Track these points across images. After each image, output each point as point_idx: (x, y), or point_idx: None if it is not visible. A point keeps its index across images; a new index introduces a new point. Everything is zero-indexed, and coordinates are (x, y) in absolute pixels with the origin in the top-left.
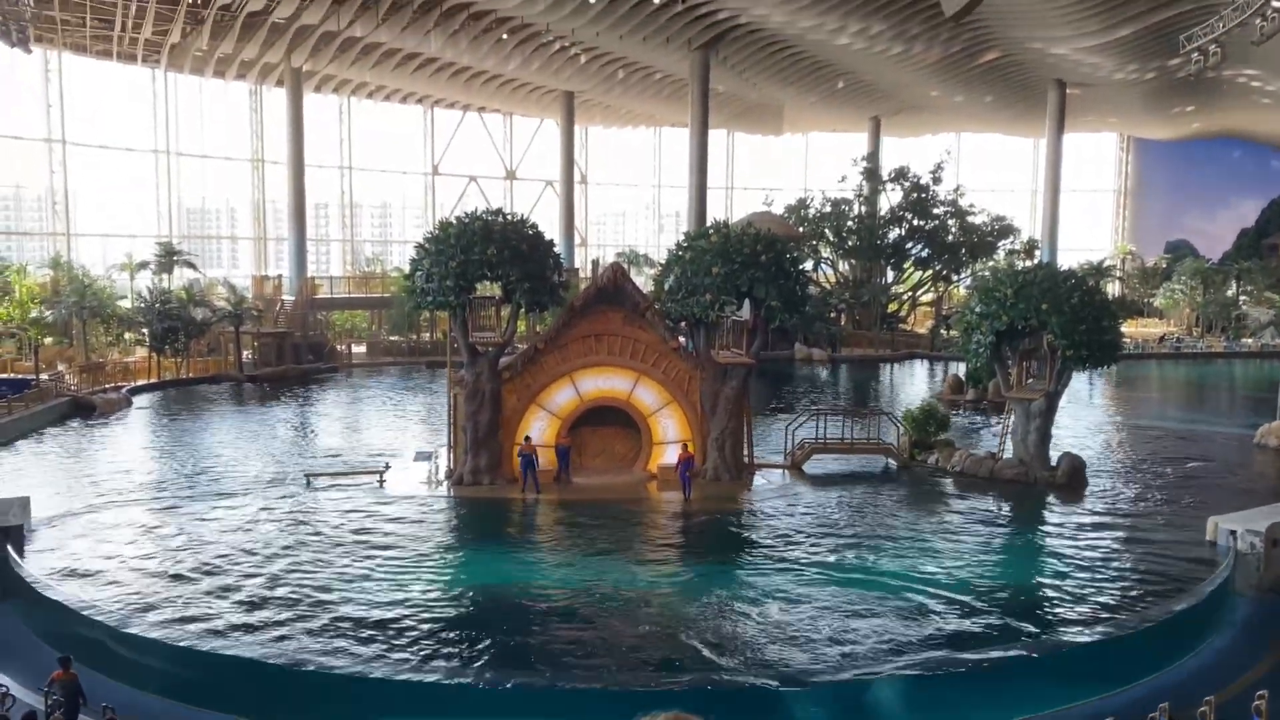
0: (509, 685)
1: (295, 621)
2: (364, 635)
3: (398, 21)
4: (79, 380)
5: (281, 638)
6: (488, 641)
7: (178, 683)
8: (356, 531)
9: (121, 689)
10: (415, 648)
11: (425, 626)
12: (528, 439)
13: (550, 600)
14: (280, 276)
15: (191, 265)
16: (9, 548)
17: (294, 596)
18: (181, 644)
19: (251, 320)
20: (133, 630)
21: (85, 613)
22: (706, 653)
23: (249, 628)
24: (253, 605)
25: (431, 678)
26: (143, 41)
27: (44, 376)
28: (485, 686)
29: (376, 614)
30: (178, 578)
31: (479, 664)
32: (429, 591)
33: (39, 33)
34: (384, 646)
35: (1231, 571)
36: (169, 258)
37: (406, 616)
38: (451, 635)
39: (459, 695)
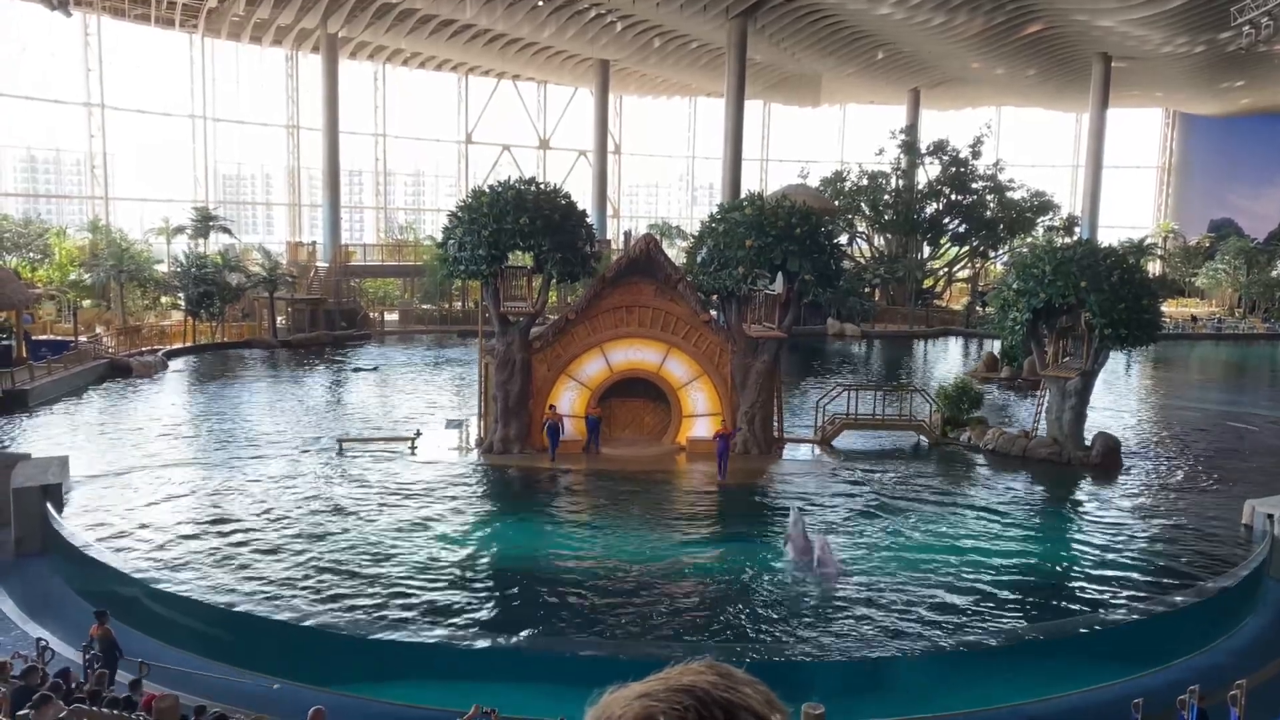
0: (535, 650)
1: (326, 583)
2: (393, 599)
3: None
4: (116, 343)
5: (313, 598)
6: (510, 607)
7: (210, 639)
8: (387, 497)
9: (156, 644)
10: (439, 611)
11: (450, 592)
12: (552, 408)
13: (577, 568)
14: (314, 243)
15: (227, 230)
16: (48, 505)
17: (324, 559)
18: (215, 602)
19: (286, 286)
20: (167, 587)
21: (122, 569)
22: (734, 621)
23: (281, 587)
24: (284, 566)
25: (461, 643)
26: (180, 6)
27: (82, 339)
28: (513, 648)
29: (405, 578)
30: (211, 537)
31: (501, 628)
32: (456, 557)
33: None
34: (410, 610)
35: (1268, 555)
36: (205, 223)
37: (434, 582)
38: (476, 600)
39: (483, 658)
